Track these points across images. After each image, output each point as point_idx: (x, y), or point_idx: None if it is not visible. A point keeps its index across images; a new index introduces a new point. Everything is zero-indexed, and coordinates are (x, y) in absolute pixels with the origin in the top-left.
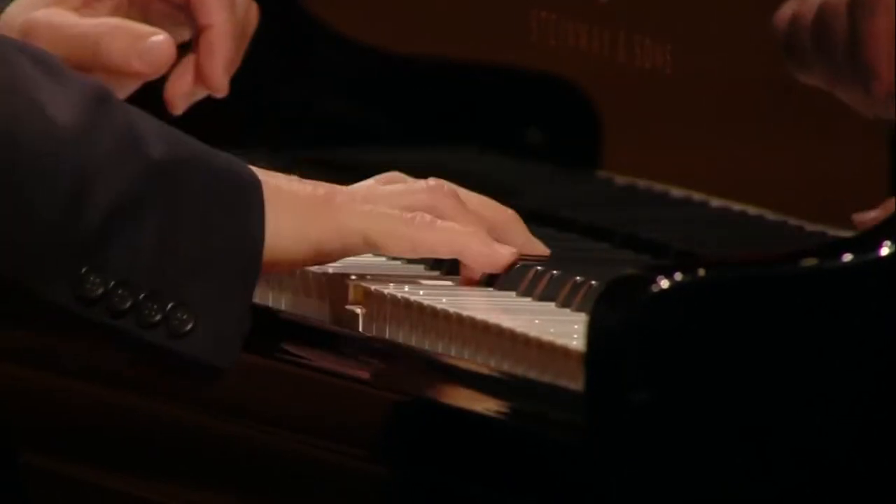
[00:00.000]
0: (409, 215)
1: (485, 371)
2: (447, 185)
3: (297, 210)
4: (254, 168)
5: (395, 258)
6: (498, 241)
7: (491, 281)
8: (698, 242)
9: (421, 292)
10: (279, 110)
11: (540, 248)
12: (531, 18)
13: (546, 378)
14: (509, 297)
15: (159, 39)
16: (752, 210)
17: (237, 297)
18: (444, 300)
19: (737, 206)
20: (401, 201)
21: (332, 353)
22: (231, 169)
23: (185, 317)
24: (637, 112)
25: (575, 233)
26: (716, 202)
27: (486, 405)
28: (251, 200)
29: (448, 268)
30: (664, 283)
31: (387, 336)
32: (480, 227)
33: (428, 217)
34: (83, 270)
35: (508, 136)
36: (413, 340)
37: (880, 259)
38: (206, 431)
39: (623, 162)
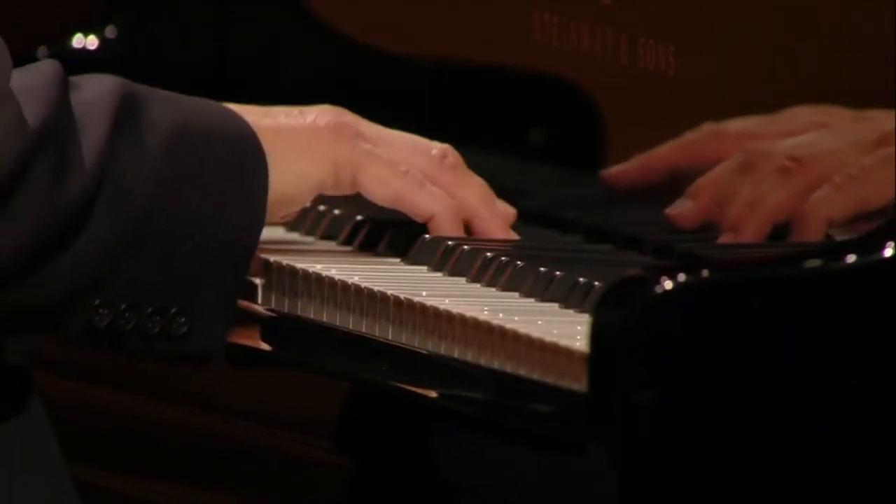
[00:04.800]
0: (404, 168)
1: (488, 372)
2: (452, 157)
3: (297, 150)
4: (253, 111)
5: (400, 261)
6: (474, 230)
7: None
8: (702, 243)
9: (424, 293)
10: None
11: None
12: (534, 19)
13: (549, 379)
14: (513, 298)
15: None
16: None
17: (231, 294)
18: (447, 301)
19: None
20: (403, 157)
21: (335, 353)
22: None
23: (183, 320)
24: (640, 113)
25: (578, 234)
26: None
27: (489, 406)
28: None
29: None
30: (668, 284)
31: (389, 338)
32: (459, 208)
33: (419, 175)
34: (95, 303)
35: (512, 137)
36: (416, 342)
37: (884, 260)
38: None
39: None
